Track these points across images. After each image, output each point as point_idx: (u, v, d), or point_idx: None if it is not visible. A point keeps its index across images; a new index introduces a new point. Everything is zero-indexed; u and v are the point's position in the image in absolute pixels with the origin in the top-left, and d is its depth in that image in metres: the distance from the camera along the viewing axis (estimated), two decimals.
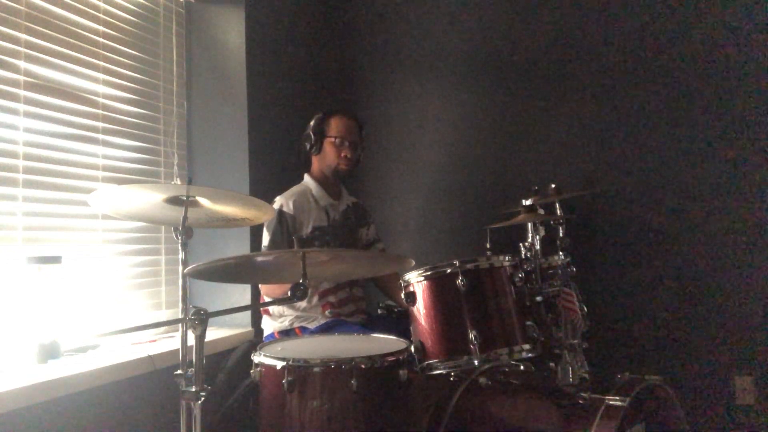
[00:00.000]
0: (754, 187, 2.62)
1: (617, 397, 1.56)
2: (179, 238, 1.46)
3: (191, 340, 1.36)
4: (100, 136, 2.14)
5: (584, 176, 2.87)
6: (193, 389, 1.34)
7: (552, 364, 1.87)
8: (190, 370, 1.36)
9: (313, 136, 2.35)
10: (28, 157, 1.85)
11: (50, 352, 1.73)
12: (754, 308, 2.60)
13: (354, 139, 2.37)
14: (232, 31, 2.61)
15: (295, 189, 2.37)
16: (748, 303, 2.61)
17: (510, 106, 3.04)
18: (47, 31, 1.93)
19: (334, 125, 2.36)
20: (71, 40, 2.03)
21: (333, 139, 2.34)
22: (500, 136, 3.05)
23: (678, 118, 2.74)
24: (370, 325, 2.27)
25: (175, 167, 2.48)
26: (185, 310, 1.42)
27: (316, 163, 2.41)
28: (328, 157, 2.36)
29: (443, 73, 3.16)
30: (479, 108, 3.09)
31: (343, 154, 2.34)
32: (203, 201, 1.47)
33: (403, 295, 1.88)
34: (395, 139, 3.22)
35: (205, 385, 1.36)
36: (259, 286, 2.28)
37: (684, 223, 2.71)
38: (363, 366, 1.51)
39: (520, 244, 2.17)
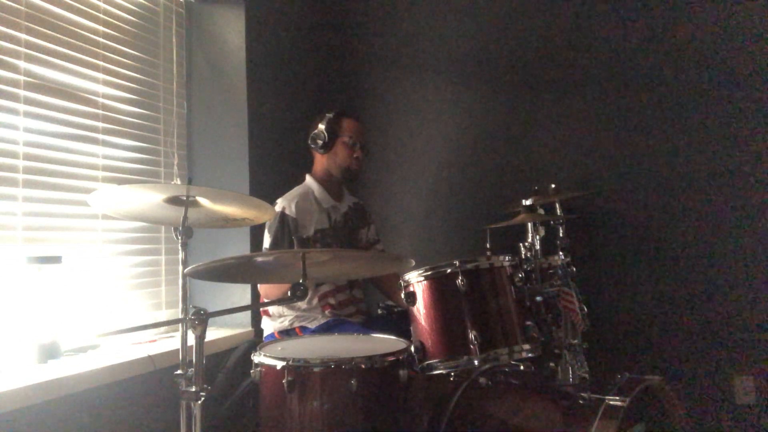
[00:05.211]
0: (755, 188, 2.62)
1: (617, 397, 1.56)
2: (179, 238, 1.46)
3: (191, 340, 1.36)
4: (100, 136, 2.14)
5: (584, 176, 2.87)
6: (193, 389, 1.34)
7: (552, 364, 1.87)
8: (190, 370, 1.36)
9: (326, 135, 2.35)
10: (28, 157, 1.85)
11: (50, 352, 1.74)
12: (754, 308, 2.60)
13: (363, 141, 2.40)
14: (232, 31, 2.61)
15: (296, 191, 2.36)
16: (748, 303, 2.61)
17: (510, 107, 3.04)
18: (47, 31, 1.93)
19: (347, 126, 2.37)
20: (71, 40, 2.03)
21: (346, 139, 2.35)
22: (500, 137, 3.05)
23: (679, 119, 2.74)
24: (370, 325, 2.27)
25: (175, 167, 2.48)
26: (185, 310, 1.42)
27: (321, 162, 2.41)
28: (339, 156, 2.37)
29: (444, 74, 3.16)
30: (479, 108, 3.09)
31: (355, 155, 2.36)
32: (203, 201, 1.47)
33: (403, 295, 1.87)
34: (395, 139, 3.22)
35: (205, 385, 1.35)
36: (258, 286, 2.28)
37: (684, 223, 2.71)
38: (363, 366, 1.51)
39: (520, 244, 2.18)
